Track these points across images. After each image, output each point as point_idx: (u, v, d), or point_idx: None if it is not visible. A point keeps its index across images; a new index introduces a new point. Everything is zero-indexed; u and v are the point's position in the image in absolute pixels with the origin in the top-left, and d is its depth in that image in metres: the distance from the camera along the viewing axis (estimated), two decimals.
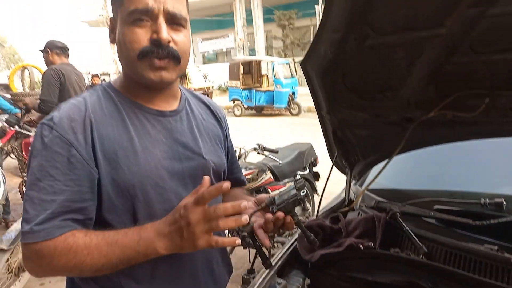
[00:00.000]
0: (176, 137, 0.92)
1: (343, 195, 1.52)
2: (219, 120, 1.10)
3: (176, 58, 0.85)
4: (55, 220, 0.75)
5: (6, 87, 11.52)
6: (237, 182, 1.17)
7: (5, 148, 4.23)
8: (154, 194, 0.86)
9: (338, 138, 1.37)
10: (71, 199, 0.77)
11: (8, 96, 7.67)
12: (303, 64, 1.18)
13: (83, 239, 0.76)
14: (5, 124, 4.22)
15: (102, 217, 0.84)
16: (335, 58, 1.10)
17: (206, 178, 0.77)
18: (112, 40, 0.90)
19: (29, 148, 0.84)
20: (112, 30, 0.91)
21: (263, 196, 0.92)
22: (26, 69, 10.26)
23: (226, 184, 0.73)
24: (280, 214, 0.82)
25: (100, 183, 0.82)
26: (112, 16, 0.90)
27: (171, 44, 0.83)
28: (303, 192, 0.85)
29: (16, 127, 4.08)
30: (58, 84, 3.53)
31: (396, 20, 0.94)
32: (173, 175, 0.89)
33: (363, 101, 1.22)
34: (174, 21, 0.84)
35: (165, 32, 0.82)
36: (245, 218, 0.74)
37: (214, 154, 1.00)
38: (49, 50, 3.70)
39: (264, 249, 1.01)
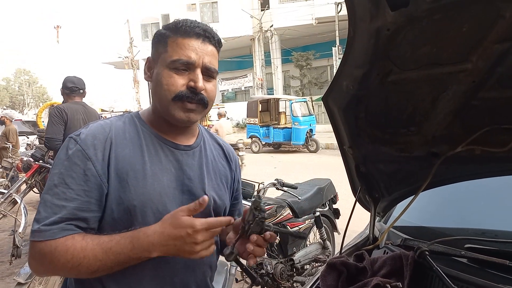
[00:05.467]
0: (185, 169, 1.01)
1: (367, 232, 1.47)
2: (229, 162, 1.18)
3: (205, 104, 0.98)
4: (61, 224, 0.84)
5: (34, 124, 12.04)
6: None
7: (29, 182, 4.34)
8: (152, 218, 0.92)
9: (361, 173, 1.34)
10: (79, 207, 0.86)
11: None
12: (324, 98, 1.19)
13: (80, 243, 0.83)
14: (30, 158, 4.36)
15: (101, 227, 0.91)
16: (358, 94, 1.10)
17: (206, 197, 0.85)
18: (148, 78, 1.02)
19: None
20: (148, 69, 1.02)
21: (238, 221, 1.00)
22: (56, 106, 10.73)
23: (236, 222, 0.91)
24: (252, 237, 0.90)
25: (107, 198, 0.90)
26: (150, 56, 1.02)
27: (203, 92, 0.96)
28: (262, 210, 0.88)
29: (41, 161, 4.20)
30: (62, 122, 3.55)
31: (420, 56, 0.94)
32: (173, 204, 0.96)
33: (386, 136, 1.21)
34: (208, 73, 0.98)
35: (201, 82, 0.95)
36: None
37: (216, 192, 1.07)
38: (61, 90, 3.77)
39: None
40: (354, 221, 1.36)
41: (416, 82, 1.01)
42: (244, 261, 0.98)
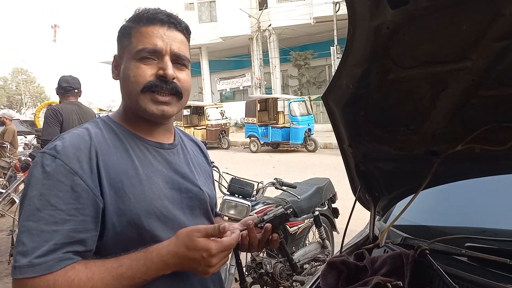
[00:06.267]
0: (176, 169, 0.96)
1: (367, 231, 1.47)
2: (206, 157, 1.18)
3: (179, 94, 0.92)
4: (58, 252, 0.73)
5: (32, 124, 12.01)
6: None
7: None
8: (159, 223, 0.87)
9: (361, 172, 1.34)
10: (75, 229, 0.76)
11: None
12: (324, 97, 1.18)
13: (85, 272, 0.75)
14: (28, 158, 4.35)
15: (104, 244, 0.82)
16: (357, 92, 1.10)
17: (226, 224, 0.84)
18: (115, 76, 0.96)
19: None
20: (116, 67, 0.96)
21: (248, 218, 1.01)
22: (51, 107, 10.69)
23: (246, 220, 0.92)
24: (268, 225, 0.94)
25: (105, 213, 0.81)
26: (117, 53, 0.96)
27: (175, 81, 0.90)
28: (289, 210, 0.97)
29: None
30: (58, 124, 3.50)
31: (419, 54, 0.94)
32: (174, 205, 0.92)
33: (386, 134, 1.21)
34: (178, 61, 0.91)
35: (171, 69, 0.89)
36: None
37: (207, 187, 1.05)
38: (56, 89, 3.70)
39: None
40: (354, 220, 1.36)
41: (415, 80, 1.01)
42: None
